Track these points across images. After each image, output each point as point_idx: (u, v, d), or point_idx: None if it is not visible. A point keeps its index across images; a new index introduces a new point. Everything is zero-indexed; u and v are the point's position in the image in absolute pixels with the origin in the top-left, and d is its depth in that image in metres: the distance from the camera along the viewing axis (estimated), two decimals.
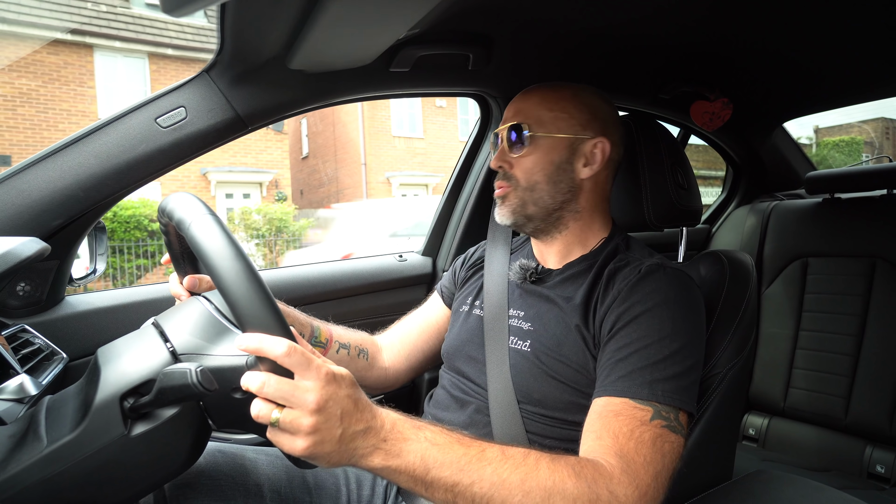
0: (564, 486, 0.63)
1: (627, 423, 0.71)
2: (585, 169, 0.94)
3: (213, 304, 0.68)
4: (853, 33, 1.22)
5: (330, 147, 16.37)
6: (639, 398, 0.73)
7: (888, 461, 1.49)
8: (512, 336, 0.92)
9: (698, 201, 1.14)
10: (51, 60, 10.50)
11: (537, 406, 0.85)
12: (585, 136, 0.93)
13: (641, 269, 0.86)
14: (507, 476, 0.63)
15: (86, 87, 10.87)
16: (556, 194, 0.93)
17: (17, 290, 0.94)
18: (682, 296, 0.83)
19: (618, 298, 0.83)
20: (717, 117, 1.57)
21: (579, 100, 0.94)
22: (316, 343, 0.98)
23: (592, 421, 0.75)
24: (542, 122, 0.93)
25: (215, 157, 12.23)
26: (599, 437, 0.71)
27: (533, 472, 0.64)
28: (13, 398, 0.66)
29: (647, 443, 0.70)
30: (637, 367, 0.75)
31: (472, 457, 0.64)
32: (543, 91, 0.96)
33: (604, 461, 0.68)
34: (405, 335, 1.13)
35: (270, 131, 13.13)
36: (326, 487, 0.92)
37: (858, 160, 10.19)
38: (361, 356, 1.04)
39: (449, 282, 1.16)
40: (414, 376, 1.14)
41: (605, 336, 0.82)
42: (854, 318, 1.59)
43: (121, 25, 11.11)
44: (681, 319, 0.80)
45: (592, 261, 0.93)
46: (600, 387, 0.78)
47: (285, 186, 13.44)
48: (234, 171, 12.64)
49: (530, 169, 0.93)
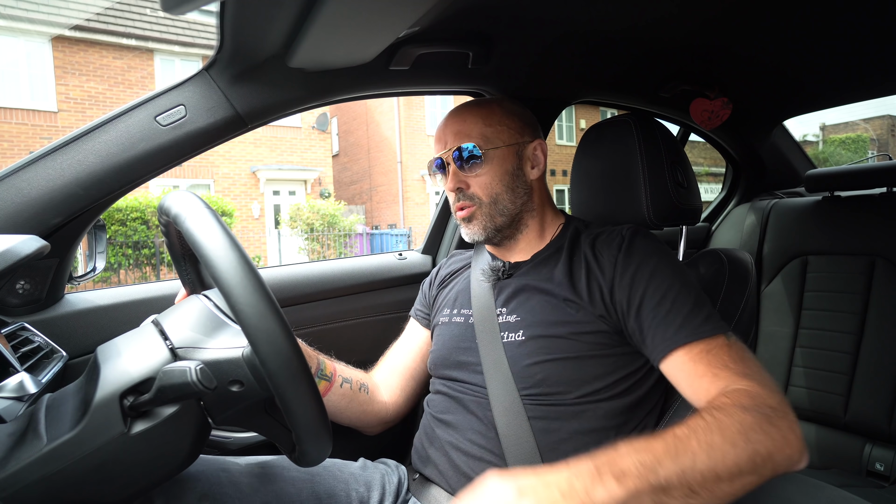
0: (746, 422, 0.67)
1: (721, 353, 0.79)
2: (534, 170, 1.03)
3: (213, 301, 0.69)
4: (853, 31, 1.22)
5: (363, 145, 16.75)
6: (705, 335, 0.81)
7: (888, 459, 1.49)
8: (503, 332, 0.94)
9: (698, 200, 1.14)
10: (116, 65, 11.32)
11: (539, 387, 0.87)
12: (525, 141, 1.02)
13: (624, 233, 0.94)
14: (711, 439, 0.65)
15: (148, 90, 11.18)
16: (516, 199, 1.00)
17: (17, 288, 0.94)
18: (663, 247, 0.93)
19: (618, 263, 0.90)
20: (717, 115, 1.57)
21: (507, 110, 1.02)
22: (322, 377, 0.98)
23: (690, 368, 0.80)
24: (488, 139, 0.98)
25: (264, 155, 12.97)
26: (716, 375, 0.77)
27: (722, 427, 0.66)
28: (13, 396, 0.65)
29: (745, 356, 0.80)
30: (685, 312, 0.83)
31: (671, 444, 0.64)
32: (475, 110, 1.01)
33: (742, 386, 0.74)
34: (395, 368, 1.14)
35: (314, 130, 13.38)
36: (336, 494, 0.92)
37: (865, 157, 10.20)
38: (363, 391, 1.05)
39: (422, 304, 1.19)
40: (413, 405, 1.15)
41: (631, 298, 0.87)
42: (854, 316, 1.59)
43: (178, 30, 11.86)
44: (678, 264, 0.91)
45: (559, 244, 1.00)
46: (667, 341, 0.82)
47: (328, 184, 13.87)
48: (282, 169, 13.06)
49: (489, 183, 0.98)
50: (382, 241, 13.14)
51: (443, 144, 1.01)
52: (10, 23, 10.23)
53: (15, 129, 10.37)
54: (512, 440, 0.86)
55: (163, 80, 11.79)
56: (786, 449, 0.67)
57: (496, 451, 0.87)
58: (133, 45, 11.34)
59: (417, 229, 13.57)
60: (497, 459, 0.87)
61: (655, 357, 0.84)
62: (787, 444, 0.67)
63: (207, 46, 11.90)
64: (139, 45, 11.42)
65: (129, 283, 1.21)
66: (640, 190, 1.06)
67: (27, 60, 10.53)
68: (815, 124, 17.83)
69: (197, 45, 12.02)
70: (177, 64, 12.03)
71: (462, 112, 1.01)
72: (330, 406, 1.01)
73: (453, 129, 1.00)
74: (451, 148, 0.98)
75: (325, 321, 1.34)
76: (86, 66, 10.96)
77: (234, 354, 0.61)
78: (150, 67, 11.75)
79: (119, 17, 11.34)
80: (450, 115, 1.03)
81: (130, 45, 11.32)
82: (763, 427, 0.67)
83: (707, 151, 7.43)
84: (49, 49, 10.67)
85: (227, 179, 12.55)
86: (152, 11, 11.59)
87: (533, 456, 0.84)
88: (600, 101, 1.53)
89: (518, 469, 0.84)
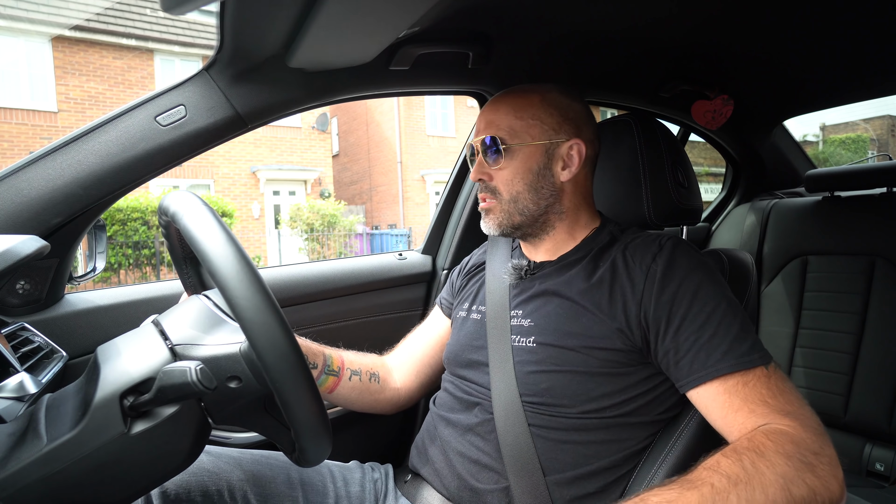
0: (788, 475, 0.64)
1: (758, 386, 0.75)
2: (564, 172, 0.95)
3: (212, 301, 0.69)
4: (853, 31, 1.22)
5: (363, 146, 16.76)
6: (749, 367, 0.76)
7: (888, 459, 1.49)
8: (514, 335, 0.92)
9: (698, 200, 1.14)
10: (116, 65, 11.31)
11: (542, 396, 0.85)
12: (559, 139, 0.94)
13: (663, 243, 0.88)
14: (752, 496, 0.62)
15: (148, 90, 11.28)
16: (539, 200, 0.94)
17: (17, 288, 0.94)
18: (706, 262, 0.87)
19: (654, 276, 0.84)
20: (719, 115, 1.57)
21: (548, 103, 0.94)
22: (329, 372, 0.98)
23: (724, 401, 0.76)
24: (515, 133, 0.93)
25: (264, 155, 12.97)
26: (752, 411, 0.73)
27: (765, 483, 0.64)
28: (13, 396, 0.65)
29: (785, 389, 0.75)
30: (729, 339, 0.77)
31: (709, 498, 0.62)
32: (512, 99, 0.96)
33: (781, 426, 0.70)
34: (412, 353, 1.13)
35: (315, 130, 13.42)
36: (313, 484, 0.92)
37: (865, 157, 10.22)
38: (373, 380, 1.04)
39: (448, 293, 1.17)
40: (426, 392, 1.14)
41: (671, 317, 0.81)
42: (854, 316, 1.59)
43: (178, 30, 11.86)
44: (723, 282, 0.85)
45: (588, 248, 0.95)
46: (708, 368, 0.77)
47: (328, 184, 13.91)
48: (282, 170, 13.07)
49: (510, 180, 0.93)
50: (382, 242, 13.15)
51: (477, 132, 0.97)
52: (10, 23, 10.25)
53: (15, 129, 10.38)
54: (511, 445, 0.85)
55: (163, 80, 11.81)
56: (826, 497, 0.65)
57: (495, 456, 0.87)
58: (133, 45, 11.36)
59: (417, 229, 13.58)
60: (495, 463, 0.86)
61: (687, 383, 0.79)
62: (829, 492, 0.65)
63: (207, 46, 11.95)
64: (139, 45, 11.43)
65: (129, 284, 1.21)
66: (641, 190, 1.06)
67: (27, 60, 10.54)
68: (815, 124, 17.82)
69: (197, 45, 12.03)
70: (177, 64, 12.05)
71: (501, 99, 0.97)
72: (340, 399, 1.01)
73: (487, 117, 0.96)
74: (480, 137, 0.95)
75: (325, 321, 1.34)
76: (86, 66, 10.98)
77: (232, 350, 0.61)
78: (150, 67, 11.74)
79: (119, 17, 11.36)
80: (490, 101, 0.99)
81: (130, 45, 11.34)
82: (805, 479, 0.64)
83: (707, 151, 7.44)
84: (49, 49, 10.68)
85: (227, 179, 12.56)
86: (152, 11, 11.63)
87: (531, 462, 0.83)
88: (600, 101, 1.53)
89: (514, 474, 0.83)
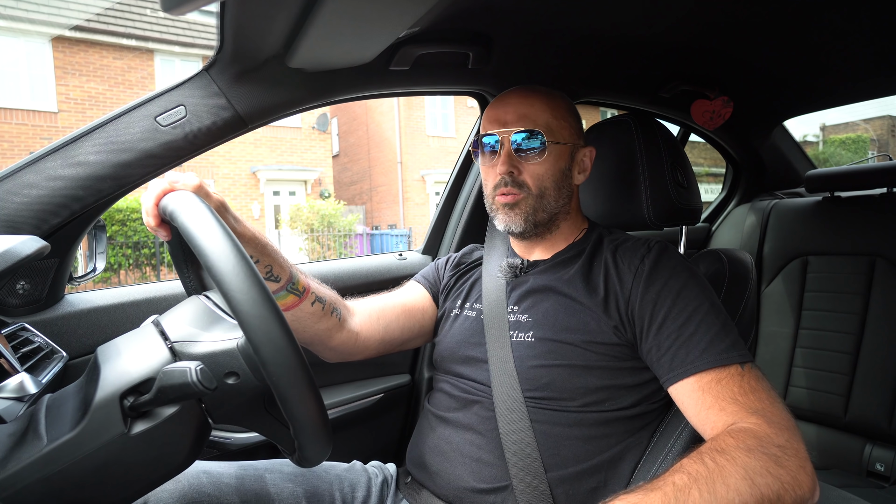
0: (750, 466, 0.65)
1: (730, 384, 0.77)
2: (580, 176, 1.01)
3: (212, 300, 0.69)
4: (853, 31, 1.22)
5: (363, 146, 16.78)
6: (724, 364, 0.78)
7: (888, 459, 1.49)
8: (512, 330, 0.93)
9: (698, 200, 1.14)
10: (116, 65, 11.32)
11: (544, 391, 0.87)
12: (580, 143, 0.99)
13: (651, 245, 0.91)
14: (714, 489, 0.63)
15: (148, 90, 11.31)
16: (559, 199, 0.97)
17: (17, 288, 0.94)
18: (692, 266, 0.90)
19: (641, 276, 0.87)
20: (718, 115, 1.57)
21: (570, 109, 0.99)
22: (292, 290, 0.91)
23: (698, 398, 0.78)
24: (551, 130, 0.94)
25: (264, 155, 12.98)
26: (722, 409, 0.75)
27: (725, 475, 0.64)
28: (13, 396, 0.65)
29: (757, 387, 0.77)
30: (707, 338, 0.80)
31: (671, 495, 0.63)
32: (541, 97, 0.96)
33: (748, 424, 0.71)
34: (385, 307, 1.07)
35: (315, 131, 13.44)
36: (320, 494, 0.91)
37: (865, 157, 10.22)
38: (334, 315, 0.98)
39: (431, 276, 1.15)
40: (383, 351, 1.08)
41: (654, 315, 0.84)
42: (854, 316, 1.59)
43: (178, 31, 11.89)
44: (707, 285, 0.88)
45: (581, 247, 0.99)
46: (686, 365, 0.80)
47: (328, 184, 13.93)
48: (282, 170, 13.08)
49: (542, 176, 0.95)
50: (382, 242, 13.14)
51: (501, 123, 0.95)
52: (10, 23, 10.26)
53: (15, 130, 10.39)
54: (512, 441, 0.85)
55: (163, 80, 11.83)
56: (796, 490, 0.65)
57: (496, 453, 0.87)
58: (133, 46, 11.38)
59: (417, 230, 13.58)
60: (496, 460, 0.87)
61: (668, 380, 0.82)
62: (798, 484, 0.65)
63: (207, 46, 11.96)
64: (139, 45, 11.45)
65: (129, 284, 1.21)
66: (641, 190, 1.06)
67: (27, 61, 10.55)
68: (815, 124, 17.80)
69: (197, 45, 12.05)
70: (177, 64, 12.06)
71: (530, 96, 0.96)
72: (295, 321, 0.93)
73: (519, 111, 0.94)
74: (513, 129, 0.93)
75: None
76: (86, 66, 10.98)
77: (229, 346, 0.61)
78: (150, 68, 11.76)
79: (119, 18, 11.37)
80: (513, 95, 0.97)
81: (130, 46, 11.35)
82: (770, 470, 0.65)
83: (707, 151, 7.44)
84: (49, 49, 10.68)
85: (228, 180, 12.57)
86: (152, 11, 11.64)
87: (533, 458, 0.84)
88: (601, 102, 1.53)
89: (516, 471, 0.83)
